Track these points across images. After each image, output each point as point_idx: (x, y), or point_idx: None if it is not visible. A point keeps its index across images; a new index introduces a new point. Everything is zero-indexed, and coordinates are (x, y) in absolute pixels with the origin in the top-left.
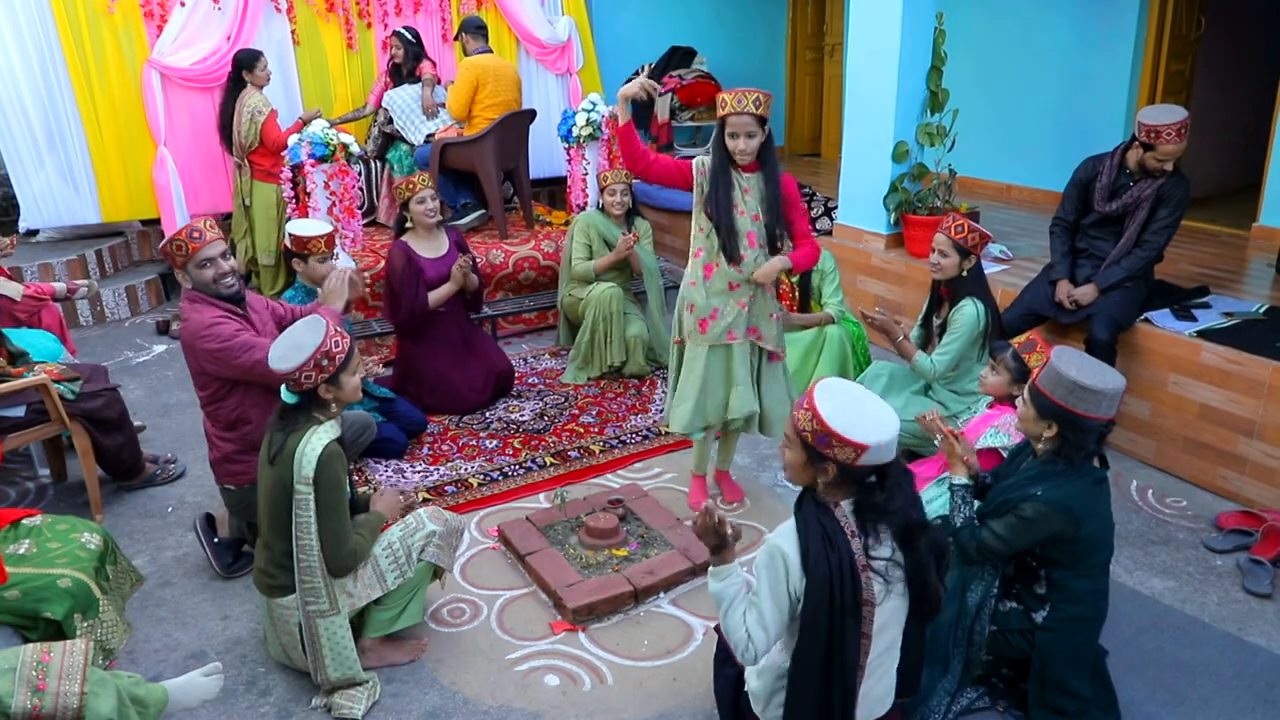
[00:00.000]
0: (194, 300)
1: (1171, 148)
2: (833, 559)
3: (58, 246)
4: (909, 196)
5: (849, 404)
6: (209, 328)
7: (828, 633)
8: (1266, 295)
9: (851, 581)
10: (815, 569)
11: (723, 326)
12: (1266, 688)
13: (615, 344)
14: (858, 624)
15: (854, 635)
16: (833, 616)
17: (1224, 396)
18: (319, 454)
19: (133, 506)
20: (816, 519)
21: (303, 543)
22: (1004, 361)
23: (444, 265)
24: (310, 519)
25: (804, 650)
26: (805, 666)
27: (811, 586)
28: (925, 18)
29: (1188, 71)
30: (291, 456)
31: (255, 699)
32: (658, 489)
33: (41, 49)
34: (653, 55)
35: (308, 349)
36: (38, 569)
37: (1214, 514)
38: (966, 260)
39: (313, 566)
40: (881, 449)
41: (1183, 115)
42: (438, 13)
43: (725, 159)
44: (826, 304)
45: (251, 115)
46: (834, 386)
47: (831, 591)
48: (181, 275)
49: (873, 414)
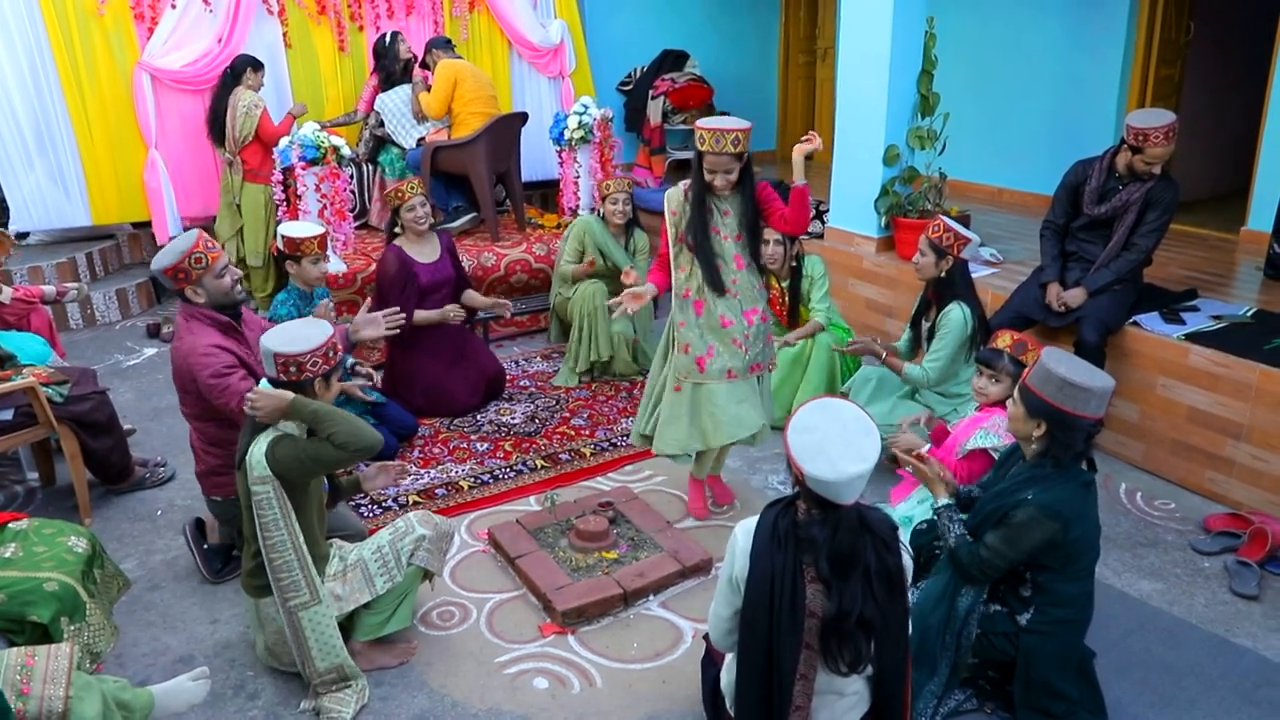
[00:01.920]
0: (191, 318)
1: (1159, 150)
2: (777, 559)
3: (48, 249)
4: (900, 200)
5: (825, 424)
6: (203, 355)
7: (767, 633)
8: (1254, 299)
9: (791, 586)
10: (757, 563)
11: (721, 365)
12: (1252, 688)
13: (601, 340)
14: (796, 632)
15: (791, 642)
16: (771, 617)
17: (1212, 399)
18: (264, 451)
19: (122, 510)
20: (775, 518)
21: (271, 540)
22: (1003, 368)
23: (438, 270)
24: (275, 516)
25: (745, 645)
26: (748, 667)
27: (751, 579)
28: (916, 22)
29: (1177, 76)
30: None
31: (243, 703)
32: (648, 492)
33: (31, 51)
34: (645, 58)
35: (317, 338)
36: (24, 573)
37: (1202, 516)
38: (943, 260)
39: (287, 561)
40: (821, 483)
41: (1171, 119)
42: (430, 15)
43: (703, 187)
44: (814, 309)
45: (247, 110)
46: (830, 406)
47: (771, 590)
48: (193, 291)
49: (836, 447)
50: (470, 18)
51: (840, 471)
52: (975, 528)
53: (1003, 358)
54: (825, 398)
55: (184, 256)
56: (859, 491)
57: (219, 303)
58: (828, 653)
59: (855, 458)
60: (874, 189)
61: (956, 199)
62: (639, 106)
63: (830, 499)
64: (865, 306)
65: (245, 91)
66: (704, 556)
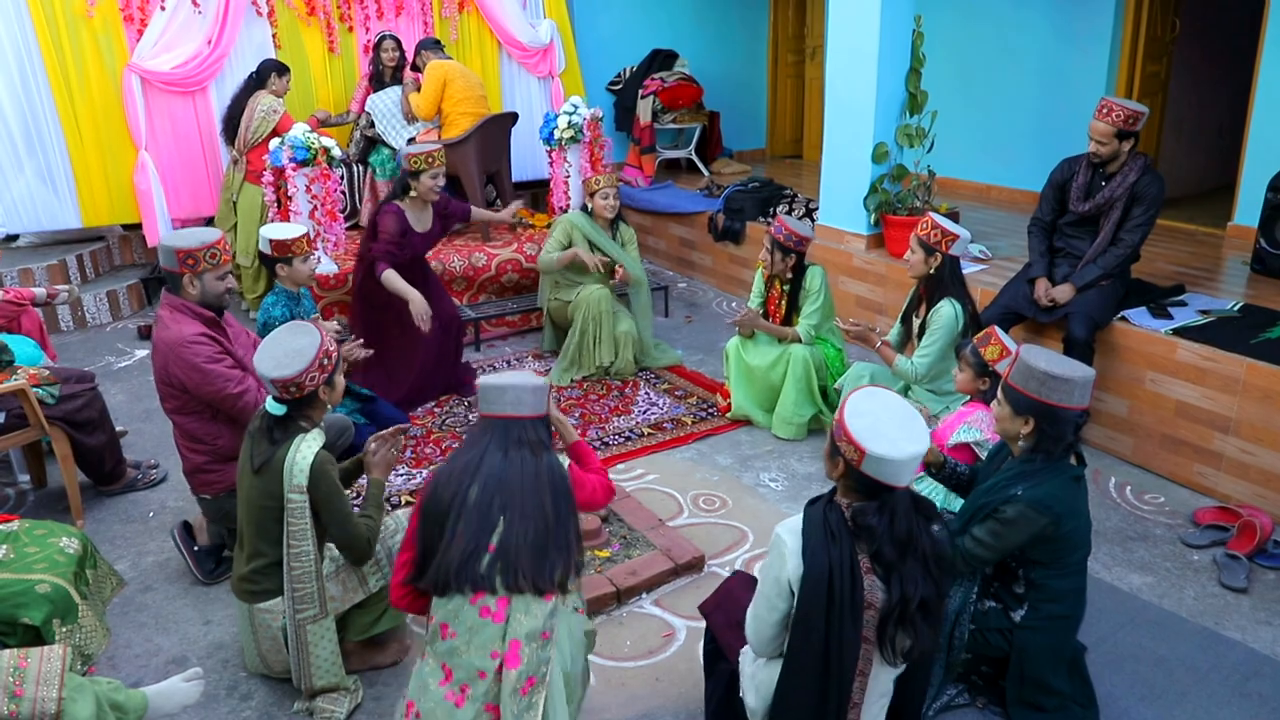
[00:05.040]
0: (176, 309)
1: (1101, 126)
2: (834, 553)
3: (38, 251)
4: (889, 197)
5: (876, 409)
6: (190, 344)
7: (824, 631)
8: (1241, 293)
9: (851, 578)
10: (814, 560)
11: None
12: (1242, 681)
13: (605, 344)
14: (857, 626)
15: (853, 638)
16: (830, 614)
17: (1200, 393)
18: (310, 463)
19: (114, 512)
20: (823, 514)
21: (296, 550)
22: (965, 358)
23: (427, 238)
24: (305, 526)
25: (798, 649)
26: (799, 668)
27: (808, 578)
28: (904, 20)
29: (1163, 73)
30: (281, 466)
31: (237, 704)
32: (640, 490)
33: (20, 53)
34: (634, 58)
35: (309, 351)
36: (16, 574)
37: (1191, 510)
38: (932, 257)
39: (308, 573)
40: (882, 462)
41: (1127, 105)
42: (419, 16)
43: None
44: (800, 321)
45: (265, 114)
46: (877, 393)
47: (830, 586)
48: (191, 281)
49: (891, 429)
50: (459, 18)
51: (902, 450)
52: (964, 524)
53: (966, 346)
54: (868, 386)
55: (205, 246)
56: (914, 473)
57: (209, 303)
58: (883, 643)
59: (912, 438)
60: (863, 186)
61: (945, 196)
62: (629, 106)
63: (887, 482)
64: (855, 304)
65: (266, 95)
66: (696, 554)
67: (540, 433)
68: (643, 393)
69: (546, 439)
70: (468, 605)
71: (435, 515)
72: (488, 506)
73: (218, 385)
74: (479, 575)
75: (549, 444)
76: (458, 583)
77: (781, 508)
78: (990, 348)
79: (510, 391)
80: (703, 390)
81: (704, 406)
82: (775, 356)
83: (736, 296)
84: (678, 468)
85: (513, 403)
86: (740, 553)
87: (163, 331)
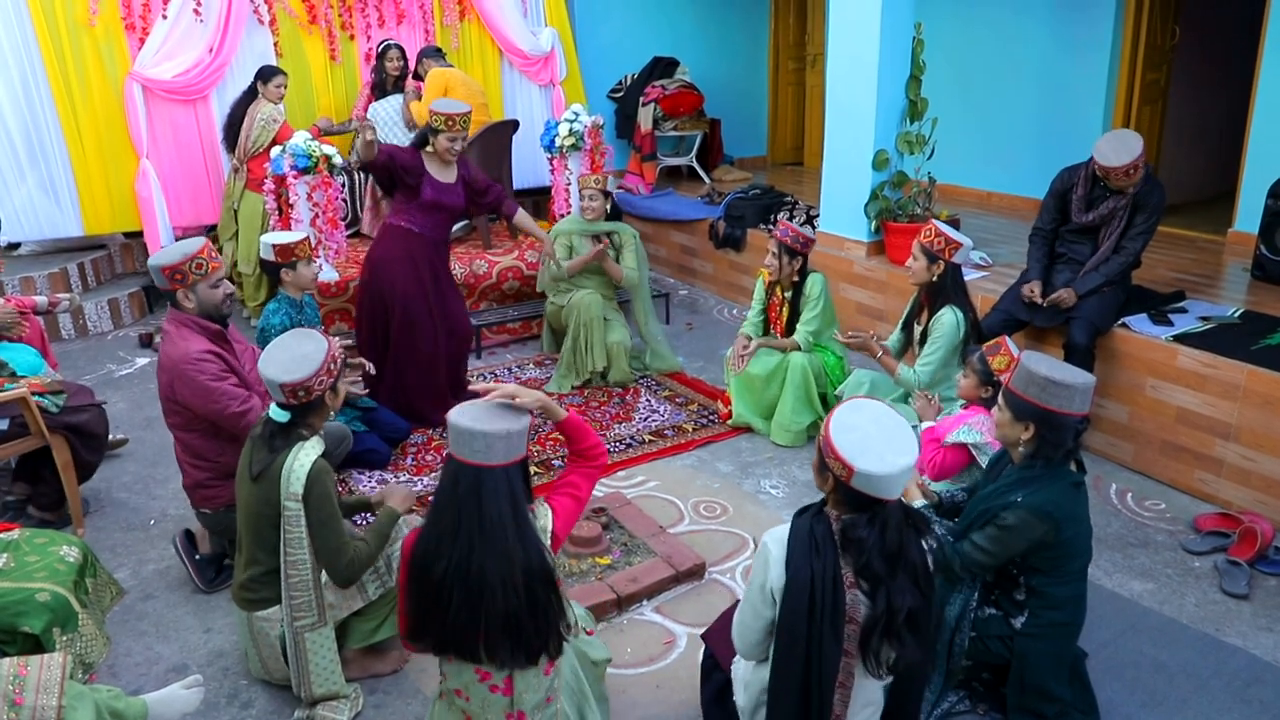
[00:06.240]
0: (182, 324)
1: (1123, 182)
2: (816, 565)
3: (39, 260)
4: (889, 204)
5: (863, 423)
6: (195, 361)
7: (806, 642)
8: (1242, 300)
9: (834, 591)
10: (797, 571)
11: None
12: (1243, 687)
13: (596, 350)
14: (837, 640)
15: (833, 649)
16: (811, 624)
17: (1200, 400)
18: (308, 470)
19: (114, 520)
20: (810, 525)
21: (293, 558)
22: (971, 364)
23: (446, 192)
24: (301, 534)
25: (783, 655)
26: (784, 677)
27: (790, 588)
28: (904, 27)
29: (1163, 81)
30: (279, 473)
31: (237, 712)
32: (641, 497)
33: (22, 61)
34: (635, 66)
35: (317, 356)
36: (15, 583)
37: (1192, 516)
38: (935, 265)
39: (305, 581)
40: (871, 478)
41: (1132, 155)
42: (421, 24)
43: None
44: (799, 329)
45: (265, 124)
46: (864, 405)
47: (812, 597)
48: (185, 295)
49: (879, 444)
50: (461, 26)
51: (890, 465)
52: (964, 530)
53: (975, 354)
54: (857, 398)
55: (187, 259)
56: (904, 485)
57: (208, 313)
58: (867, 655)
59: (900, 451)
60: (864, 193)
61: (946, 203)
62: (630, 113)
63: (877, 495)
64: (856, 310)
65: (265, 104)
66: (697, 561)
67: (515, 484)
68: (643, 400)
69: (523, 491)
70: (476, 681)
71: (424, 581)
72: (478, 585)
73: (222, 404)
74: (479, 657)
75: (529, 496)
76: (459, 657)
77: (782, 515)
78: (999, 357)
79: (479, 439)
80: (703, 397)
81: (705, 413)
82: (774, 365)
83: (737, 303)
84: (678, 475)
85: (482, 451)
86: (741, 560)
87: (169, 347)
